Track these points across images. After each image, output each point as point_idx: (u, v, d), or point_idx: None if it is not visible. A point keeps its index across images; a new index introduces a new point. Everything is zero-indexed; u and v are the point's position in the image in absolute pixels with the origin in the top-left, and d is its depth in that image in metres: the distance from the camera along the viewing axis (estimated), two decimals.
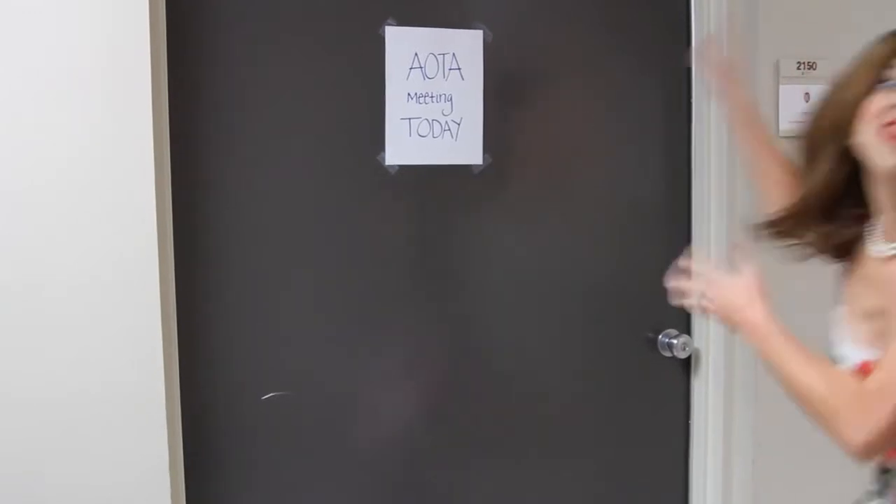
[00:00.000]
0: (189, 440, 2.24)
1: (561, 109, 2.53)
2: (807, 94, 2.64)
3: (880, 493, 1.62)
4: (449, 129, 2.40)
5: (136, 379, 2.08)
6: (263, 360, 2.32)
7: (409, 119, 2.35)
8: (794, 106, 2.64)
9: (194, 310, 2.24)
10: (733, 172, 2.59)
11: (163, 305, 2.08)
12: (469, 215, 2.48)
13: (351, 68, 2.33)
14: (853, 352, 1.58)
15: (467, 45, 2.39)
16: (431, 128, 2.38)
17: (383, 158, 2.36)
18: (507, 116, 2.48)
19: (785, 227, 1.69)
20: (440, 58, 2.37)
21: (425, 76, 2.35)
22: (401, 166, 2.38)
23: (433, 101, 2.37)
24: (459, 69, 2.39)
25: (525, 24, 2.49)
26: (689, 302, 1.67)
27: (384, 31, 2.33)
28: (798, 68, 2.64)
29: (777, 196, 1.79)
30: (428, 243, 2.45)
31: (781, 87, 2.63)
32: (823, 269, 1.79)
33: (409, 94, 2.34)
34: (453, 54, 2.38)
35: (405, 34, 2.33)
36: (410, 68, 2.34)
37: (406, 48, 2.33)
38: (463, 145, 2.42)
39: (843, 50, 2.63)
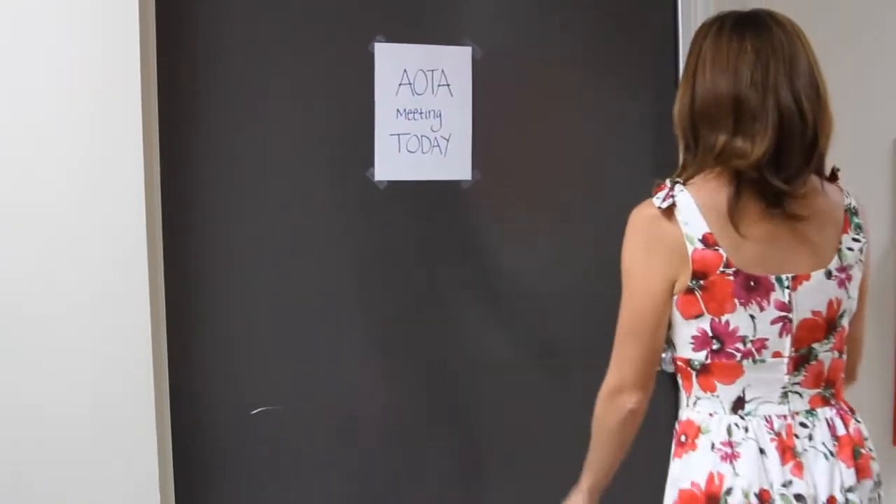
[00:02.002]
0: (179, 455, 2.24)
1: (549, 125, 2.54)
2: None
3: None
4: (438, 145, 2.41)
5: (125, 392, 2.09)
6: (253, 374, 2.33)
7: (399, 135, 2.36)
8: None
9: (184, 326, 2.25)
10: None
11: (153, 321, 2.09)
12: (457, 230, 2.48)
13: (340, 85, 2.34)
14: None
15: (456, 61, 2.41)
16: (420, 144, 2.39)
17: (372, 174, 2.37)
18: (496, 132, 2.49)
19: None
20: (429, 74, 2.38)
21: (414, 92, 2.36)
22: (390, 182, 2.39)
23: (422, 118, 2.38)
24: (448, 85, 2.41)
25: (514, 41, 2.51)
26: None
27: (373, 48, 2.34)
28: None
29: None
30: (417, 259, 2.46)
31: None
32: None
33: (398, 111, 2.35)
34: (442, 70, 2.39)
35: (394, 51, 2.34)
36: (399, 84, 2.35)
37: (395, 65, 2.34)
38: (452, 161, 2.43)
39: (837, 69, 2.67)
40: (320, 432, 2.40)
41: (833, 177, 1.86)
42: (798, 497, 1.75)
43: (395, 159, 2.36)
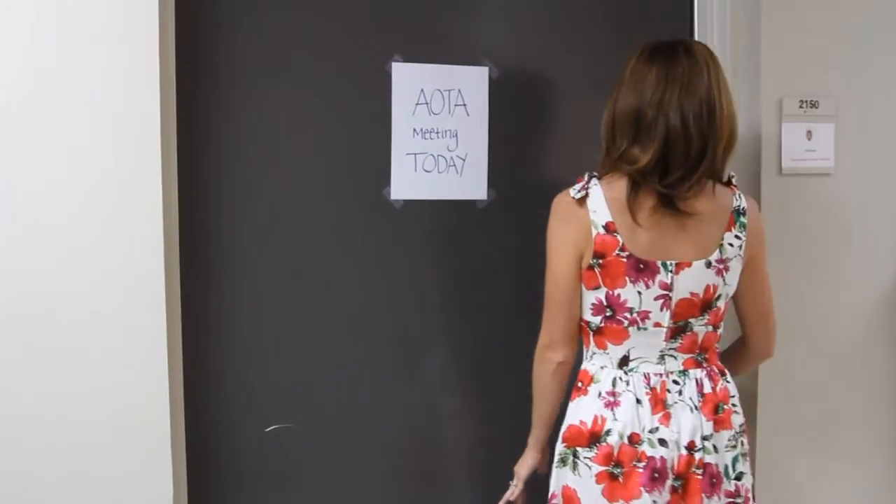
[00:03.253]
0: (193, 470, 2.25)
1: (565, 144, 2.55)
2: (809, 131, 2.67)
3: None
4: (454, 165, 2.43)
5: (142, 404, 2.11)
6: (268, 389, 2.34)
7: (415, 154, 2.38)
8: (796, 143, 2.67)
9: (200, 340, 2.26)
10: None
11: (169, 334, 2.10)
12: (473, 250, 2.50)
13: (358, 104, 2.36)
14: None
15: (473, 81, 2.43)
16: (437, 163, 2.40)
17: (388, 193, 2.39)
18: (513, 152, 2.50)
19: None
20: (446, 94, 2.40)
21: (431, 112, 2.39)
22: (406, 201, 2.40)
23: (438, 137, 2.40)
24: (465, 105, 2.43)
25: (530, 60, 2.52)
26: None
27: (391, 68, 2.36)
28: (800, 106, 2.67)
29: None
30: (432, 278, 2.47)
31: (784, 124, 2.66)
32: None
33: (414, 130, 2.37)
34: (459, 90, 2.42)
35: (411, 70, 2.36)
36: (416, 104, 2.37)
37: (412, 84, 2.37)
38: (468, 180, 2.46)
39: (845, 88, 2.68)
40: (333, 449, 2.41)
41: (728, 182, 2.19)
42: (661, 441, 2.12)
43: (411, 178, 2.38)
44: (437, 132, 2.40)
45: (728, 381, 2.23)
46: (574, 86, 2.57)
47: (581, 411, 2.17)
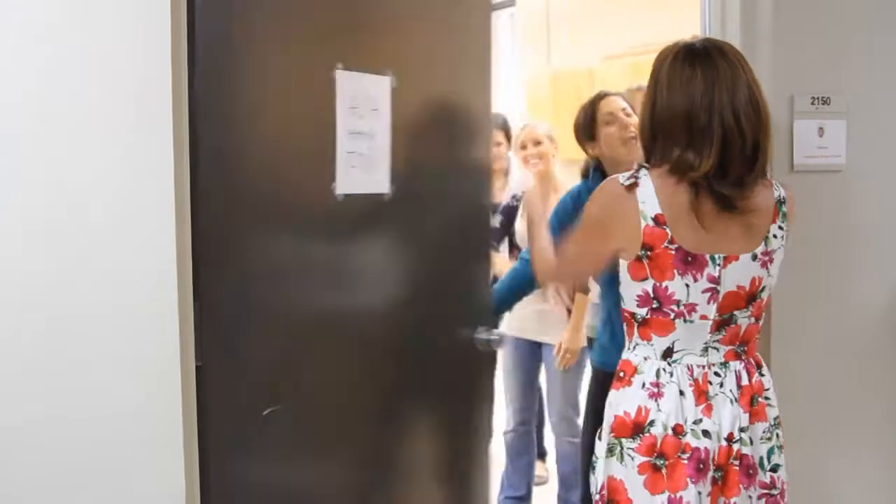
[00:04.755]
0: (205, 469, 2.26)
1: (447, 147, 2.80)
2: (821, 128, 2.67)
3: None
4: (372, 163, 2.62)
5: (153, 407, 2.11)
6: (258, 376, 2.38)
7: (350, 153, 2.55)
8: (808, 140, 2.66)
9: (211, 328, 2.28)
10: None
11: (182, 332, 2.11)
12: (380, 239, 2.66)
13: (318, 106, 2.47)
14: None
15: (381, 88, 2.61)
16: (361, 161, 2.59)
17: (334, 188, 2.50)
18: (404, 152, 2.65)
19: None
20: (366, 100, 2.58)
21: (359, 115, 2.57)
22: (345, 195, 2.53)
23: (363, 138, 2.58)
24: (377, 110, 2.61)
25: (423, 72, 2.72)
26: None
27: (335, 74, 2.47)
28: (812, 103, 2.66)
29: None
30: (356, 264, 2.61)
31: (796, 121, 2.66)
32: None
33: (349, 131, 2.54)
34: (374, 96, 2.60)
35: (347, 77, 2.51)
36: (350, 108, 2.53)
37: (348, 90, 2.52)
38: (380, 177, 2.65)
39: (856, 85, 2.68)
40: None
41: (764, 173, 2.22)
42: (705, 432, 2.15)
43: (347, 174, 2.55)
44: (362, 133, 2.57)
45: (763, 374, 2.26)
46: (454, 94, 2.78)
47: (625, 402, 2.20)
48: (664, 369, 2.18)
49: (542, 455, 5.02)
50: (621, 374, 2.24)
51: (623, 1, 7.25)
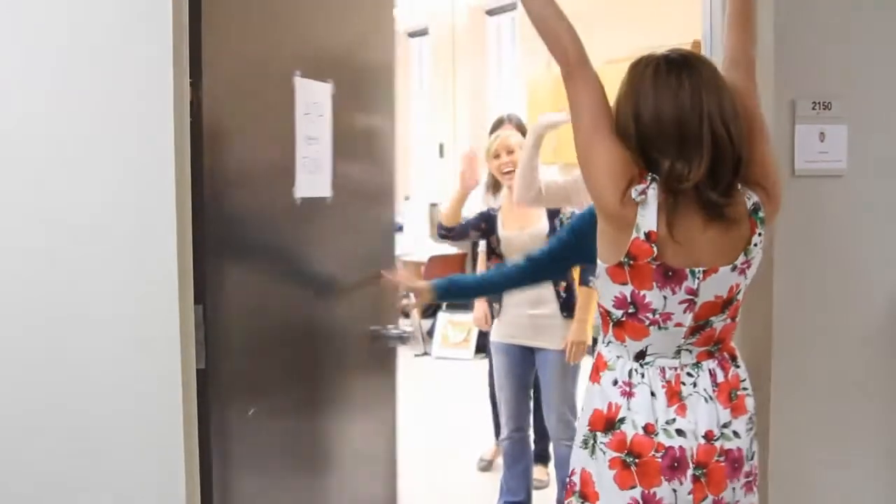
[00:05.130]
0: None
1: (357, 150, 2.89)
2: (822, 133, 2.67)
3: None
4: (320, 167, 2.69)
5: (153, 410, 2.12)
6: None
7: (305, 158, 2.61)
8: (809, 145, 2.67)
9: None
10: None
11: (182, 332, 2.11)
12: (325, 240, 2.74)
13: (280, 114, 2.54)
14: None
15: (325, 95, 2.68)
16: (313, 165, 2.66)
17: (294, 192, 2.57)
18: (339, 157, 2.74)
19: None
20: (315, 105, 2.65)
21: (311, 121, 2.63)
22: (303, 198, 2.59)
23: (314, 143, 2.65)
24: (323, 115, 2.69)
25: (361, 79, 2.85)
26: None
27: (294, 82, 2.54)
28: (813, 108, 2.67)
29: None
30: (309, 263, 2.71)
31: (797, 126, 2.66)
32: None
33: (304, 137, 2.60)
34: (321, 102, 2.67)
35: (303, 84, 2.58)
36: (305, 114, 2.60)
37: (303, 96, 2.59)
38: (325, 180, 2.72)
39: (858, 90, 2.68)
40: None
41: None
42: (679, 431, 2.17)
43: (304, 178, 2.62)
44: (313, 139, 2.64)
45: (738, 366, 2.28)
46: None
47: (601, 396, 2.24)
48: (636, 370, 2.21)
49: (543, 460, 5.02)
50: (598, 368, 2.27)
51: (625, 5, 7.26)
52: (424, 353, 8.37)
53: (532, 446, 4.63)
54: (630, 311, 2.19)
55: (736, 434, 2.20)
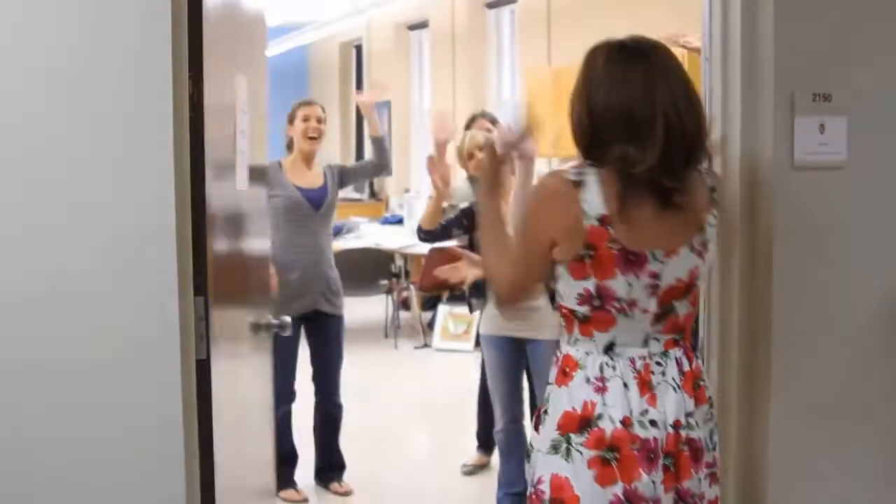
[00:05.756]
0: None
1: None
2: (822, 124, 2.66)
3: None
4: (244, 160, 2.77)
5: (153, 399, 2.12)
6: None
7: (241, 152, 2.74)
8: (809, 137, 2.66)
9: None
10: None
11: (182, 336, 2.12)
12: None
13: (230, 109, 2.60)
14: None
15: (244, 90, 2.77)
16: (244, 159, 2.76)
17: (235, 185, 2.69)
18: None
19: None
20: (243, 101, 2.75)
21: (243, 114, 2.75)
22: (240, 191, 2.74)
23: (244, 137, 2.76)
24: (244, 111, 2.77)
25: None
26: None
27: (236, 78, 2.65)
28: (813, 100, 2.66)
29: None
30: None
31: (797, 118, 2.65)
32: None
33: (241, 131, 2.72)
34: (244, 98, 2.75)
35: (241, 80, 2.70)
36: (242, 111, 2.73)
37: (241, 91, 2.72)
38: (245, 173, 2.82)
39: (858, 82, 2.68)
40: None
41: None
42: (652, 422, 2.19)
43: (241, 172, 2.74)
44: (243, 133, 2.75)
45: (698, 357, 2.35)
46: None
47: (571, 397, 2.22)
48: (607, 363, 2.21)
49: None
50: (566, 370, 2.25)
51: None
52: (425, 345, 8.37)
53: (528, 437, 4.63)
54: (595, 304, 2.20)
55: (696, 423, 2.24)
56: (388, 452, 5.68)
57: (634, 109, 2.13)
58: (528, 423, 4.62)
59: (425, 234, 4.52)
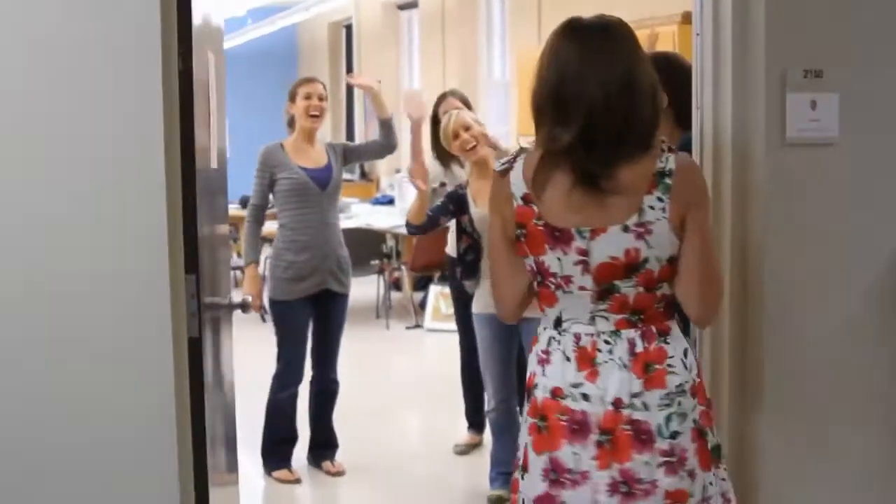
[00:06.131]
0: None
1: None
2: (813, 101, 2.66)
3: None
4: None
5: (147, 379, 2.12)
6: None
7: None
8: (801, 114, 2.66)
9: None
10: None
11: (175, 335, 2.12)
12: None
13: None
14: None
15: (213, 68, 2.72)
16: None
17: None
18: None
19: None
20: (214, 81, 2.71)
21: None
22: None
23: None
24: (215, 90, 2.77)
25: None
26: None
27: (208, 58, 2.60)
28: (805, 76, 2.66)
29: None
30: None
31: (788, 94, 2.65)
32: None
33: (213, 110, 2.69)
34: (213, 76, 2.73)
35: (212, 58, 2.68)
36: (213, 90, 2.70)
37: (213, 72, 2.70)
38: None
39: (849, 58, 2.68)
40: None
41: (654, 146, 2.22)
42: (584, 396, 2.24)
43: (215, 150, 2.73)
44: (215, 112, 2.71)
45: (667, 342, 2.27)
46: None
47: (529, 370, 2.37)
48: (554, 338, 2.30)
49: None
50: (532, 344, 2.37)
51: None
52: (416, 325, 8.38)
53: (519, 417, 4.64)
54: (538, 280, 2.29)
55: (645, 406, 2.22)
56: (381, 432, 5.68)
57: (564, 87, 2.17)
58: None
59: (415, 228, 4.53)
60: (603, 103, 2.14)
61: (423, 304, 8.54)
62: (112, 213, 2.13)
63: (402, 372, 7.14)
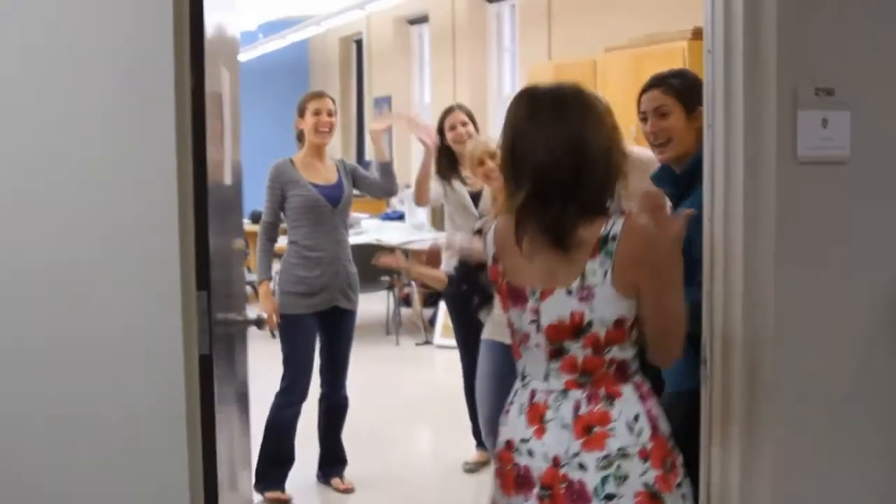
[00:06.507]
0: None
1: None
2: (824, 119, 2.65)
3: None
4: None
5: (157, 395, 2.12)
6: None
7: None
8: (812, 132, 2.65)
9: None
10: None
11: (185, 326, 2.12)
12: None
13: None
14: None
15: (227, 85, 2.78)
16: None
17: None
18: None
19: None
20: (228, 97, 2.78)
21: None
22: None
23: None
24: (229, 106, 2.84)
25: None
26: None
27: (221, 75, 2.65)
28: (816, 94, 2.65)
29: None
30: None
31: (799, 112, 2.64)
32: None
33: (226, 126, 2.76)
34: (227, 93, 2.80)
35: (225, 75, 2.76)
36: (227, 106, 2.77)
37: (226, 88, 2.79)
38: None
39: (861, 76, 2.67)
40: None
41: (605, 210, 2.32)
42: (530, 452, 2.32)
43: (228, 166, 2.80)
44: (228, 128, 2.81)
45: (612, 406, 2.32)
46: None
47: None
48: (517, 391, 2.42)
49: None
50: None
51: None
52: (426, 341, 8.37)
53: None
54: (511, 332, 2.43)
55: (582, 466, 2.28)
56: (390, 449, 5.67)
57: (516, 149, 2.31)
58: None
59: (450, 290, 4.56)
60: (551, 163, 2.25)
61: (432, 321, 8.54)
62: (124, 229, 2.13)
63: (411, 388, 7.13)
